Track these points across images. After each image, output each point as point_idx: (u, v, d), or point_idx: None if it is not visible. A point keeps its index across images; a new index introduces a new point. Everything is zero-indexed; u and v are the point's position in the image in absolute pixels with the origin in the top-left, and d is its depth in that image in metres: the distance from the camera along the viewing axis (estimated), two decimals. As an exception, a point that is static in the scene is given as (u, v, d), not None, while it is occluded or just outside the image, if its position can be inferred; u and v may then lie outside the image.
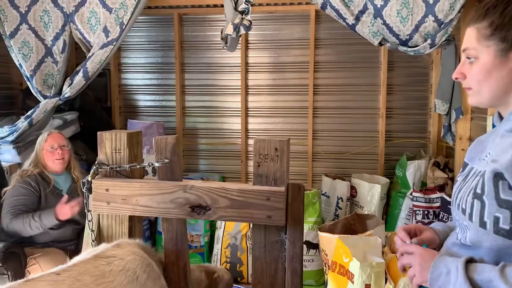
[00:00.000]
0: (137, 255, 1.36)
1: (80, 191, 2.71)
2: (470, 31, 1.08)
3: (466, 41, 1.09)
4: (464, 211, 1.05)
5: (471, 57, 1.08)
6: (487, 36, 1.04)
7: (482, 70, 1.05)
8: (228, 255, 3.33)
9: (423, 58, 3.76)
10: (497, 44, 1.02)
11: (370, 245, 2.35)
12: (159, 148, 1.50)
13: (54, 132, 2.78)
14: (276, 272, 1.45)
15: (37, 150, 2.69)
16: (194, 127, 4.19)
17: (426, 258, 1.07)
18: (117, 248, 1.36)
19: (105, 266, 1.27)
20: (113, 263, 1.29)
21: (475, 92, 1.09)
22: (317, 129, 4.00)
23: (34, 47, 3.04)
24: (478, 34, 1.06)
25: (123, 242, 1.41)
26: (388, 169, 3.88)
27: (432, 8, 2.64)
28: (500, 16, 1.02)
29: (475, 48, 1.06)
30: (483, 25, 1.05)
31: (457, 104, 3.01)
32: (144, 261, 1.36)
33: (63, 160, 2.70)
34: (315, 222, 3.21)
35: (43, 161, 2.68)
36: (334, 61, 3.92)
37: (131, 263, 1.32)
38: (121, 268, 1.29)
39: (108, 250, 1.34)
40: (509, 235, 0.96)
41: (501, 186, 0.97)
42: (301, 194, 1.42)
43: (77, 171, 2.79)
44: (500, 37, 1.02)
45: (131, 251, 1.36)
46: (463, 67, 1.10)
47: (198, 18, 4.06)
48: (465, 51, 1.09)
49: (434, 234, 1.23)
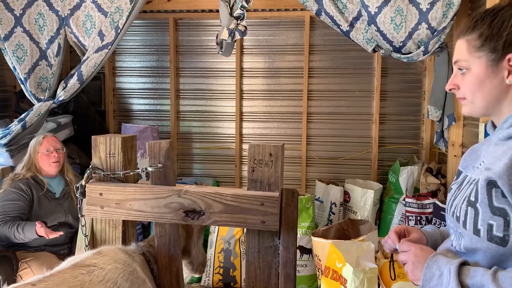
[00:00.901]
0: (119, 263, 1.31)
1: (73, 194, 2.71)
2: (461, 43, 1.11)
3: (457, 53, 1.11)
4: (458, 219, 1.06)
5: (463, 68, 1.10)
6: (477, 47, 1.06)
7: (474, 80, 1.07)
8: (222, 260, 3.32)
9: (417, 65, 3.80)
10: (488, 54, 1.05)
11: (363, 250, 2.36)
12: (153, 153, 1.50)
13: (48, 135, 2.77)
14: (270, 277, 1.45)
15: (31, 154, 2.67)
16: (189, 131, 4.19)
17: (420, 257, 1.08)
18: (98, 256, 1.32)
19: (84, 276, 1.22)
20: (93, 272, 1.24)
21: (469, 101, 1.11)
22: (311, 134, 4.01)
23: (28, 50, 3.03)
24: (468, 45, 1.08)
25: (104, 250, 1.37)
26: (381, 175, 3.90)
27: (426, 15, 2.67)
28: (488, 27, 1.05)
29: (466, 59, 1.09)
30: (473, 36, 1.07)
31: (450, 111, 3.04)
32: (127, 269, 1.32)
33: (59, 163, 2.70)
34: (308, 227, 3.21)
35: (37, 165, 2.67)
36: (328, 67, 3.94)
37: (112, 273, 1.27)
38: (101, 278, 1.24)
39: (88, 259, 1.30)
40: (502, 242, 0.97)
41: (494, 194, 0.98)
42: (295, 199, 1.43)
43: (70, 174, 2.79)
44: (490, 48, 1.04)
45: (112, 259, 1.32)
46: (455, 78, 1.13)
47: (193, 23, 4.07)
48: (456, 63, 1.12)
49: (421, 235, 1.25)
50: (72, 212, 2.69)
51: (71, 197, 2.73)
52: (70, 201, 2.73)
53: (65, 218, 2.68)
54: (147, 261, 1.50)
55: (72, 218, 2.69)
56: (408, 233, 1.27)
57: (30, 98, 3.09)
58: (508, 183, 0.95)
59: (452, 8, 2.62)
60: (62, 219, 2.67)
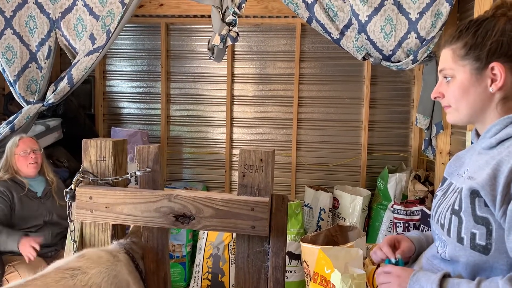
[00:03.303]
0: (103, 267, 1.29)
1: (54, 193, 2.71)
2: (446, 52, 1.14)
3: (443, 62, 1.14)
4: (442, 226, 1.08)
5: (448, 77, 1.13)
6: (462, 56, 1.09)
7: (459, 88, 1.10)
8: (210, 265, 3.31)
9: (406, 73, 3.85)
10: (472, 63, 1.08)
11: (351, 256, 2.37)
12: (141, 157, 1.50)
13: (25, 136, 2.77)
14: (259, 282, 1.46)
15: (8, 155, 2.67)
16: (179, 136, 4.19)
17: (403, 277, 1.10)
18: (81, 259, 1.29)
19: (68, 280, 1.19)
20: (76, 277, 1.21)
21: (453, 109, 1.13)
22: (301, 141, 4.03)
23: (18, 52, 3.01)
24: (453, 54, 1.11)
25: (87, 252, 1.34)
26: (370, 181, 3.93)
27: (415, 25, 2.71)
28: (473, 37, 1.08)
29: (451, 68, 1.11)
30: (458, 46, 1.10)
31: (438, 119, 3.08)
32: (111, 272, 1.30)
33: (37, 164, 2.70)
34: (297, 233, 3.22)
35: (15, 166, 2.66)
36: (318, 74, 3.98)
37: (96, 277, 1.24)
38: (84, 283, 1.21)
39: (71, 262, 1.27)
40: (485, 251, 0.99)
41: (477, 203, 1.00)
42: (284, 205, 1.44)
43: (51, 174, 2.80)
44: (474, 56, 1.07)
45: (96, 262, 1.29)
46: (440, 86, 1.15)
47: (185, 28, 4.08)
48: (442, 72, 1.15)
49: (410, 243, 1.28)
50: (56, 210, 2.70)
51: (53, 196, 2.73)
52: (53, 200, 2.73)
53: (49, 217, 2.68)
54: (132, 258, 1.48)
55: (57, 217, 2.69)
56: (398, 243, 1.29)
57: (19, 100, 3.06)
58: (491, 193, 0.97)
59: (440, 18, 2.67)
60: (47, 218, 2.67)
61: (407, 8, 2.70)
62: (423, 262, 1.20)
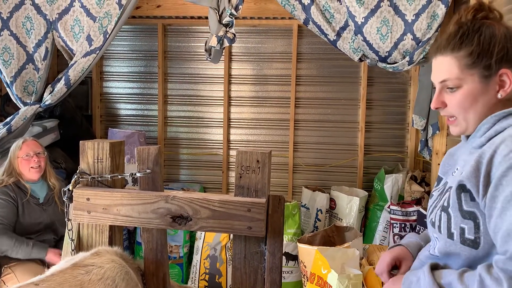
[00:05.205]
0: (116, 263, 1.35)
1: (57, 198, 2.68)
2: (448, 61, 1.09)
3: (445, 72, 1.10)
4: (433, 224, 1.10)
5: (453, 87, 1.09)
6: (469, 65, 1.07)
7: (467, 97, 1.08)
8: (207, 266, 3.32)
9: (402, 75, 3.86)
10: (481, 71, 1.06)
11: (348, 257, 2.39)
12: (141, 158, 1.50)
13: (28, 139, 2.71)
14: (256, 283, 1.47)
15: (11, 159, 2.61)
16: (176, 137, 4.19)
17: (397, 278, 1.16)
18: (95, 256, 1.35)
19: (84, 276, 1.26)
20: (92, 271, 1.28)
21: (461, 120, 1.11)
22: (298, 142, 4.04)
23: (15, 53, 3.00)
24: (459, 64, 1.08)
25: (101, 250, 1.40)
26: (366, 182, 3.95)
27: (411, 26, 2.73)
28: (478, 44, 1.05)
29: (458, 77, 1.08)
30: (462, 54, 1.07)
31: (434, 120, 3.09)
32: (123, 269, 1.35)
33: (40, 167, 2.64)
34: (294, 233, 3.23)
35: (18, 170, 2.61)
36: (315, 75, 3.99)
37: (110, 271, 1.30)
38: (100, 276, 1.27)
39: (86, 259, 1.33)
40: (474, 245, 1.01)
41: (463, 198, 1.02)
42: (281, 206, 1.44)
43: (53, 179, 2.72)
44: (483, 65, 1.05)
45: (109, 259, 1.35)
46: (441, 96, 1.12)
47: (182, 29, 4.08)
48: (443, 82, 1.11)
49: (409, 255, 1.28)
50: (57, 217, 2.65)
51: (55, 202, 2.69)
52: (55, 206, 2.69)
53: (50, 224, 2.64)
54: (141, 273, 1.52)
55: (58, 224, 2.65)
56: (399, 261, 1.28)
57: (16, 101, 3.06)
58: (475, 184, 0.99)
59: (436, 19, 2.68)
60: (48, 225, 2.63)
61: (403, 10, 2.72)
62: (415, 263, 1.21)
